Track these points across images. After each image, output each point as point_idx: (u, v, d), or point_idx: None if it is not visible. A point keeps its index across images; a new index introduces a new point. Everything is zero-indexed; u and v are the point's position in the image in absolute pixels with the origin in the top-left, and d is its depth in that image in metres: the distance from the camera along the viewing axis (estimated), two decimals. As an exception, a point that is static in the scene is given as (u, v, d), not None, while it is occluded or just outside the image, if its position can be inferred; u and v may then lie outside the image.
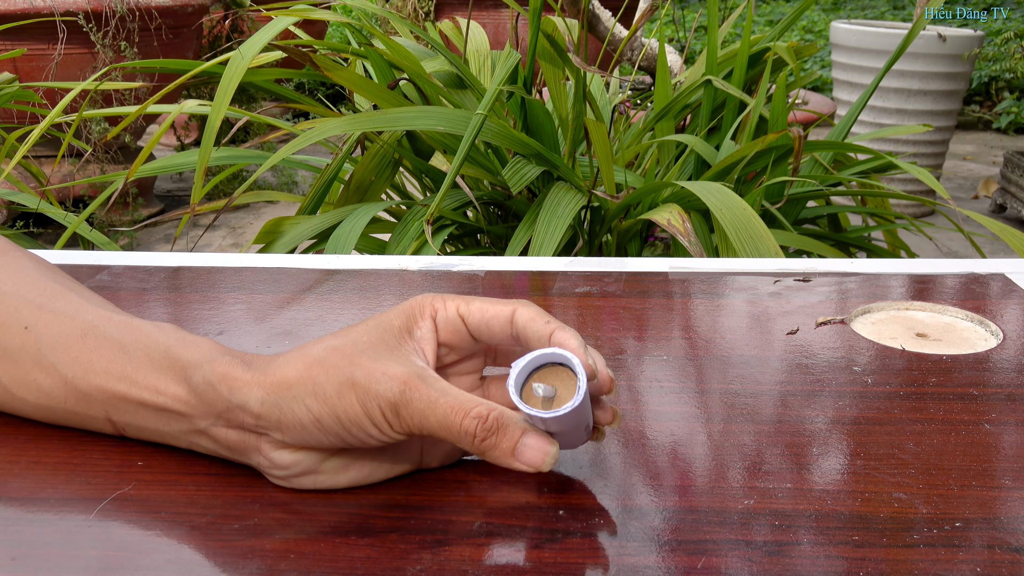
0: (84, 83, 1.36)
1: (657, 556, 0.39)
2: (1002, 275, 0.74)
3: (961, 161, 4.24)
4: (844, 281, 0.72)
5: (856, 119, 1.46)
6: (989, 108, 5.05)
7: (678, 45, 3.36)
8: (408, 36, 1.61)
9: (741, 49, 1.45)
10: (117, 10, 2.66)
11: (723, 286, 0.71)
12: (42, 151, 2.78)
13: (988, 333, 0.64)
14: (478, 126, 1.11)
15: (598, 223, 1.32)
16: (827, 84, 4.92)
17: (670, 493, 0.44)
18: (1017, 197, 3.22)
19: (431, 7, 3.72)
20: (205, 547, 0.39)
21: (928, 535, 0.41)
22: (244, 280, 0.71)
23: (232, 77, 1.14)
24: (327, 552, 0.39)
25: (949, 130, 3.46)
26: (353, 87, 1.27)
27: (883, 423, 0.50)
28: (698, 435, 0.49)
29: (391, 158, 1.29)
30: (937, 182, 1.20)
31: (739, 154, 1.24)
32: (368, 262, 0.76)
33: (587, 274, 0.73)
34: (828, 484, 0.45)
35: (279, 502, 0.42)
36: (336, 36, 4.81)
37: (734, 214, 1.06)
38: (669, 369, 0.57)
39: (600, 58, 1.76)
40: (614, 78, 1.78)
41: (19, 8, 2.61)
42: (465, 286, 0.70)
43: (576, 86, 1.27)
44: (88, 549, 0.39)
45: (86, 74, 2.72)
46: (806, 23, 6.26)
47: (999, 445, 0.48)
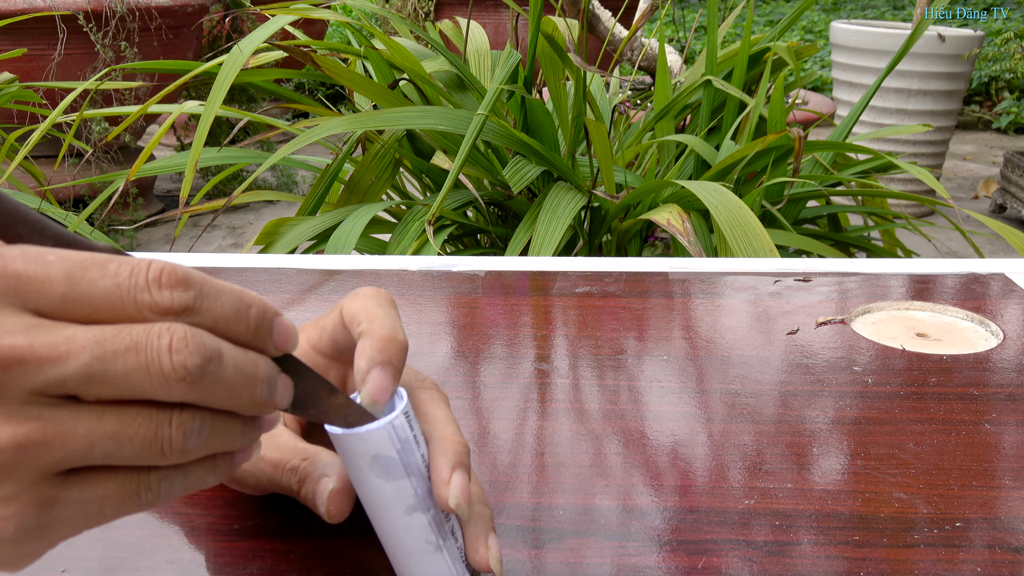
0: (84, 83, 1.36)
1: (657, 556, 0.39)
2: (1002, 275, 0.74)
3: (961, 161, 4.24)
4: (844, 281, 0.72)
5: (857, 119, 1.46)
6: (989, 108, 5.05)
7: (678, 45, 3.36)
8: (408, 36, 1.61)
9: (741, 49, 1.45)
10: (117, 10, 2.66)
11: (723, 286, 0.71)
12: (42, 151, 2.78)
13: (988, 333, 0.64)
14: (479, 126, 1.11)
15: (598, 223, 1.32)
16: (827, 84, 4.92)
17: (670, 493, 0.44)
18: (1017, 197, 3.22)
19: (431, 7, 3.72)
20: (205, 547, 0.39)
21: (929, 535, 0.41)
22: (244, 280, 0.71)
23: (229, 71, 1.14)
24: (327, 552, 0.39)
25: (949, 130, 3.45)
26: (354, 87, 1.27)
27: (883, 423, 0.50)
28: (698, 435, 0.49)
29: (391, 158, 1.29)
30: (937, 182, 1.20)
31: (739, 154, 1.24)
32: (368, 262, 0.76)
33: (587, 274, 0.73)
34: (828, 484, 0.45)
35: (279, 502, 0.42)
36: (336, 36, 4.81)
37: (730, 211, 1.06)
38: (669, 369, 0.57)
39: (600, 58, 1.76)
40: (614, 78, 1.78)
41: (19, 8, 2.60)
42: (465, 286, 0.70)
43: (576, 86, 1.27)
44: (88, 549, 0.39)
45: (86, 74, 2.73)
46: (806, 23, 6.27)
47: (999, 445, 0.48)
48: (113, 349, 0.26)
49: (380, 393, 0.33)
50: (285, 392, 0.30)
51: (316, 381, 0.31)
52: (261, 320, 0.29)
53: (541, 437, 0.49)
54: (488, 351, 0.59)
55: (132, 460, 0.27)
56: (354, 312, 0.37)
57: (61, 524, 0.27)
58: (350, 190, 1.30)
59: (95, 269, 0.26)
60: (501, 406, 0.52)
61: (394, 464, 0.33)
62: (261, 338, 0.29)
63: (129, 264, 0.27)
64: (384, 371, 0.34)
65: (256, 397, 0.28)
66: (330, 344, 0.39)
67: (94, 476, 0.27)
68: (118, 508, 0.27)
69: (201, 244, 2.86)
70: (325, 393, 0.32)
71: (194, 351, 0.26)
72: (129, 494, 0.27)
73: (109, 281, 0.26)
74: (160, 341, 0.26)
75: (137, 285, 0.26)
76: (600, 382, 0.55)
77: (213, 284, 0.28)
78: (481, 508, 0.36)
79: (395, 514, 0.34)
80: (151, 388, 0.26)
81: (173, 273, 0.27)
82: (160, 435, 0.27)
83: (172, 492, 0.28)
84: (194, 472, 0.29)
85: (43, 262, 0.26)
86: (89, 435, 0.26)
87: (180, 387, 0.26)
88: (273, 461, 0.38)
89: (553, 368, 0.57)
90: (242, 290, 0.29)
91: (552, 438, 0.49)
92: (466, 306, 0.67)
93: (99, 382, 0.26)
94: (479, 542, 0.35)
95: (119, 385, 0.26)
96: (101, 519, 0.27)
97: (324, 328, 0.39)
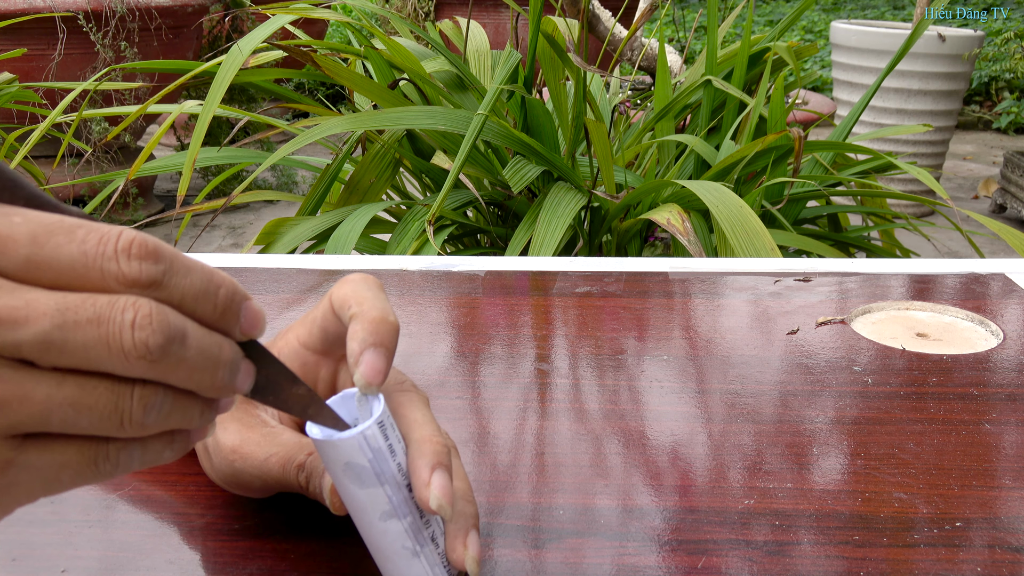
0: (84, 83, 1.36)
1: (657, 556, 0.39)
2: (1002, 275, 0.74)
3: (961, 161, 4.24)
4: (844, 281, 0.72)
5: (857, 119, 1.46)
6: (989, 108, 5.05)
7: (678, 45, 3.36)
8: (408, 36, 1.61)
9: (741, 49, 1.46)
10: (117, 10, 2.66)
11: (723, 286, 0.71)
12: (42, 151, 2.78)
13: (988, 333, 0.64)
14: (479, 126, 1.11)
15: (598, 223, 1.32)
16: (827, 84, 4.92)
17: (670, 493, 0.44)
18: (1017, 197, 3.22)
19: (431, 7, 3.72)
20: (205, 547, 0.39)
21: (929, 535, 0.41)
22: (244, 280, 0.71)
23: (228, 70, 1.14)
24: (327, 552, 0.39)
25: (949, 130, 3.46)
26: (354, 86, 1.27)
27: (883, 423, 0.50)
28: (698, 435, 0.49)
29: (391, 158, 1.29)
30: (936, 182, 1.21)
31: (739, 154, 1.24)
32: (368, 262, 0.76)
33: (587, 274, 0.73)
34: (828, 484, 0.45)
35: (278, 502, 0.42)
36: (336, 36, 4.81)
37: (731, 211, 1.06)
38: (669, 369, 0.57)
39: (600, 58, 1.76)
40: (614, 78, 1.78)
41: (19, 8, 2.61)
42: (465, 286, 0.70)
43: (576, 86, 1.27)
44: (88, 549, 0.39)
45: (86, 74, 2.73)
46: (806, 23, 6.27)
47: (999, 445, 0.48)
48: (75, 319, 0.25)
49: (375, 375, 0.33)
50: (247, 378, 0.29)
51: (278, 369, 0.31)
52: (229, 302, 0.28)
53: (541, 437, 0.49)
54: (488, 351, 0.59)
55: (91, 429, 0.26)
56: (343, 297, 0.36)
57: (16, 489, 0.26)
58: (350, 190, 1.30)
59: (62, 234, 0.25)
60: (501, 406, 0.52)
61: (366, 472, 0.33)
62: (227, 320, 0.28)
63: (98, 231, 0.26)
64: (377, 352, 0.34)
65: (217, 380, 0.28)
66: (320, 336, 0.39)
67: (52, 442, 0.26)
68: (75, 476, 0.27)
69: (201, 244, 2.86)
70: (287, 382, 0.31)
71: (158, 329, 0.25)
72: (87, 462, 0.27)
73: (75, 247, 0.25)
74: (124, 316, 0.25)
75: (105, 254, 0.25)
76: (600, 382, 0.55)
77: (183, 260, 0.27)
78: (464, 505, 0.36)
79: (370, 519, 0.34)
80: (110, 362, 0.25)
81: (143, 244, 0.26)
82: (120, 407, 0.26)
83: (130, 464, 0.28)
84: (152, 446, 0.28)
85: (8, 222, 0.25)
86: (48, 400, 0.25)
87: (140, 364, 0.25)
88: (281, 460, 0.38)
89: (553, 368, 0.57)
90: (213, 269, 0.28)
91: (552, 438, 0.49)
92: (466, 306, 0.67)
93: (57, 351, 0.25)
94: (457, 540, 0.35)
95: (77, 356, 0.25)
96: (58, 487, 0.27)
97: (314, 321, 0.39)
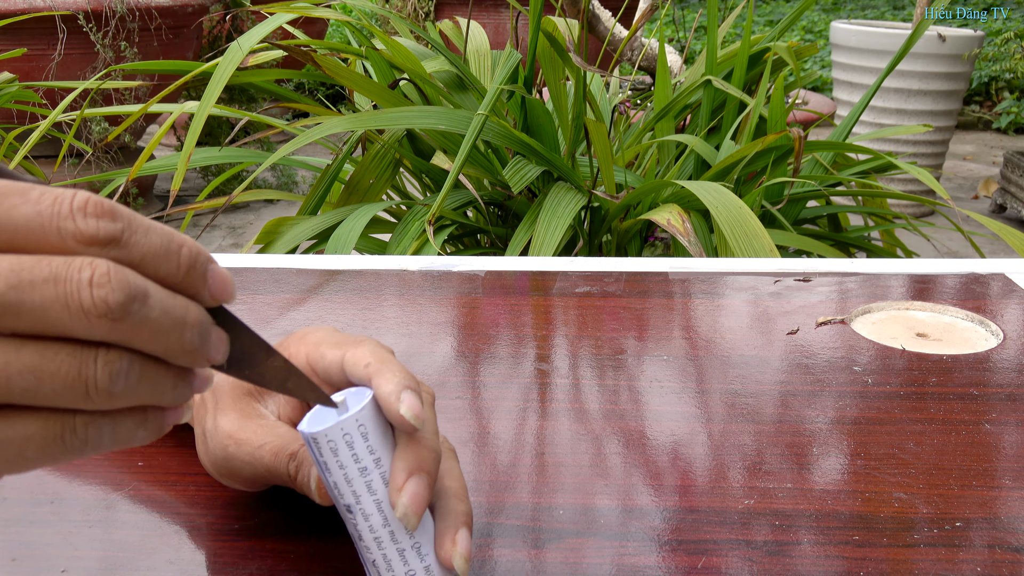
0: (85, 83, 1.36)
1: (657, 556, 0.39)
2: (1002, 275, 0.74)
3: (961, 161, 4.24)
4: (844, 281, 0.72)
5: (857, 119, 1.46)
6: (989, 108, 5.05)
7: (678, 45, 3.36)
8: (408, 36, 1.61)
9: (741, 49, 1.45)
10: (117, 10, 2.66)
11: (723, 286, 0.71)
12: (42, 151, 2.78)
13: (988, 333, 0.64)
14: (479, 126, 1.11)
15: (598, 223, 1.32)
16: (827, 84, 4.92)
17: (670, 493, 0.44)
18: (1017, 197, 3.22)
19: (431, 7, 3.72)
20: (205, 547, 0.39)
21: (929, 535, 0.41)
22: (244, 280, 0.71)
23: (226, 68, 1.14)
24: (327, 552, 0.39)
25: (949, 130, 3.45)
26: (354, 86, 1.27)
27: (884, 423, 0.50)
28: (698, 435, 0.49)
29: (391, 158, 1.29)
30: (937, 182, 1.21)
31: (739, 154, 1.24)
32: (368, 262, 0.76)
33: (587, 274, 0.73)
34: (828, 484, 0.45)
35: (279, 502, 0.42)
36: (336, 36, 4.81)
37: (730, 211, 1.06)
38: (669, 369, 0.57)
39: (600, 58, 1.76)
40: (614, 78, 1.78)
41: (19, 8, 2.60)
42: (465, 286, 0.70)
43: (576, 86, 1.27)
44: (88, 549, 0.39)
45: (86, 74, 2.73)
46: (806, 23, 6.26)
47: (999, 445, 0.48)
48: (30, 279, 0.24)
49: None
50: (220, 344, 0.28)
51: (253, 340, 0.30)
52: (193, 261, 0.27)
53: (541, 437, 0.49)
54: (488, 351, 0.59)
55: (55, 399, 0.25)
56: (356, 359, 0.36)
57: None
58: (350, 190, 1.30)
59: (16, 195, 0.25)
60: (501, 406, 0.52)
61: (335, 466, 0.33)
62: (193, 282, 0.27)
63: (53, 192, 0.25)
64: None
65: (185, 343, 0.27)
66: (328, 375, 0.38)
67: (14, 414, 0.25)
68: (41, 452, 0.26)
69: (201, 243, 2.83)
70: (263, 354, 0.30)
71: (117, 287, 0.24)
72: (53, 437, 0.26)
73: (30, 208, 0.25)
74: (81, 274, 0.24)
75: (60, 213, 0.25)
76: (600, 382, 0.55)
77: (142, 220, 0.26)
78: (456, 503, 0.35)
79: (340, 508, 0.34)
80: (70, 323, 0.24)
81: (100, 203, 0.25)
82: (84, 373, 0.25)
83: (101, 441, 0.27)
84: (123, 423, 0.27)
85: None
86: (6, 367, 0.24)
87: (101, 324, 0.24)
88: (274, 448, 0.38)
89: (553, 368, 0.57)
90: (173, 230, 0.27)
91: (552, 438, 0.49)
92: (466, 306, 0.67)
93: (13, 313, 0.24)
94: (447, 536, 0.34)
95: (35, 317, 0.24)
96: (23, 463, 0.26)
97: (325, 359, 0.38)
